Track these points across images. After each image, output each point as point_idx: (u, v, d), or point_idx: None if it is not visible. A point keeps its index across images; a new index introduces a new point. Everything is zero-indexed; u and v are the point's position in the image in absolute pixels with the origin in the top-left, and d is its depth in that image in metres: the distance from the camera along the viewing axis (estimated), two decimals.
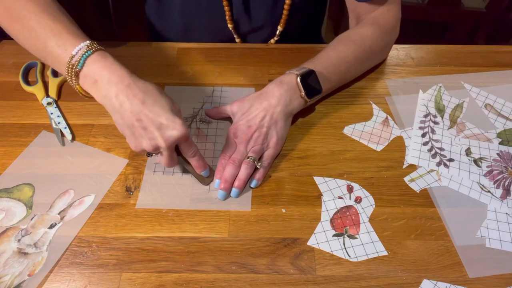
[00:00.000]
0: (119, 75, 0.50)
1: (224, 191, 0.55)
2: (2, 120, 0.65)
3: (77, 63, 0.50)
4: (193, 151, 0.55)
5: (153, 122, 0.49)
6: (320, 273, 0.50)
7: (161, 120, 0.49)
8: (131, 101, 0.49)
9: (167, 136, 0.50)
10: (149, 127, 0.49)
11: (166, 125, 0.49)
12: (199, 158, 0.56)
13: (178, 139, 0.50)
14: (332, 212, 0.55)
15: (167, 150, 0.51)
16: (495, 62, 0.75)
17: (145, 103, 0.49)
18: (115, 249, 0.51)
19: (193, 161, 0.55)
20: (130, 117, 0.49)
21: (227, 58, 0.75)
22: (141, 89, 0.50)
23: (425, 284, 0.49)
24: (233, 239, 0.52)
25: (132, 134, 0.51)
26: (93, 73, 0.50)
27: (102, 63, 0.50)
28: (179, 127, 0.50)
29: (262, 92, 0.60)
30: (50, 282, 0.49)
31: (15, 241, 0.52)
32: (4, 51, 0.75)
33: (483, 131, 0.65)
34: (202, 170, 0.56)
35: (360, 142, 0.63)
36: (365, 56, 0.68)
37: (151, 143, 0.50)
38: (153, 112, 0.49)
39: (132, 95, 0.49)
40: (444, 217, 0.55)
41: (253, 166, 0.57)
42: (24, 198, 0.55)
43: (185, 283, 0.49)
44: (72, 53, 0.50)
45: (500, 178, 0.59)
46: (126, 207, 0.55)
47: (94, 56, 0.51)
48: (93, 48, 0.51)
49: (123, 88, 0.49)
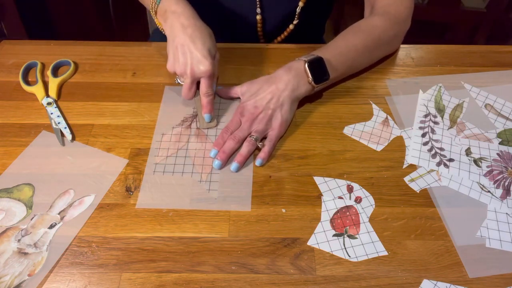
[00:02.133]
0: (182, 9, 0.63)
1: (220, 162, 0.59)
2: (2, 120, 0.65)
3: (156, 1, 0.64)
4: (209, 91, 0.63)
5: (191, 53, 0.61)
6: (320, 273, 0.50)
7: (198, 54, 0.60)
8: (183, 32, 0.61)
9: (194, 67, 0.61)
10: (186, 55, 0.61)
11: (199, 59, 0.60)
12: (210, 101, 0.63)
13: (203, 73, 0.61)
14: (332, 212, 0.55)
15: (190, 78, 0.62)
16: (495, 62, 0.75)
17: (192, 37, 0.61)
18: (115, 249, 0.51)
19: (204, 100, 0.63)
20: (177, 43, 0.61)
21: (227, 58, 0.75)
22: (194, 26, 0.62)
23: (425, 284, 0.49)
24: (233, 239, 0.52)
25: (173, 56, 0.62)
26: (165, 7, 0.64)
27: (173, 0, 0.64)
28: (208, 65, 0.60)
29: (271, 76, 0.64)
30: (50, 282, 0.49)
31: (15, 241, 0.52)
32: (4, 51, 0.75)
33: (483, 131, 0.65)
34: (206, 112, 0.63)
35: (360, 142, 0.63)
36: (374, 46, 0.69)
37: (182, 68, 0.62)
38: (195, 46, 0.60)
39: (185, 27, 0.61)
40: (444, 217, 0.55)
41: (255, 144, 0.60)
42: (24, 198, 0.55)
43: (185, 283, 0.49)
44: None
45: (500, 178, 0.59)
46: (126, 207, 0.55)
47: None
48: None
49: (183, 20, 0.62)
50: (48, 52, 0.75)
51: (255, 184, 0.58)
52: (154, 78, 0.71)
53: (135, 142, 0.62)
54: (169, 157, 0.60)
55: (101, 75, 0.72)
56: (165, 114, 0.66)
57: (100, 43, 0.77)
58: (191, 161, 0.60)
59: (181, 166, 0.59)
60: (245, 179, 0.58)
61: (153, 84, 0.70)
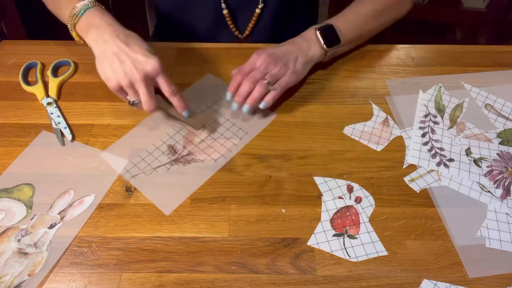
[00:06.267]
0: (108, 22, 0.59)
1: (237, 104, 0.62)
2: (2, 120, 0.65)
3: (78, 13, 0.60)
4: (173, 89, 0.58)
5: (130, 57, 0.55)
6: (320, 273, 0.50)
7: (138, 56, 0.55)
8: (114, 40, 0.56)
9: (141, 68, 0.55)
10: (126, 61, 0.55)
11: (143, 59, 0.55)
12: (180, 98, 0.59)
13: (152, 70, 0.55)
14: (332, 212, 0.55)
15: (142, 83, 0.55)
16: (495, 62, 0.75)
17: (126, 42, 0.56)
18: (115, 249, 0.51)
19: (174, 100, 0.59)
20: (111, 54, 0.56)
21: (227, 58, 0.75)
22: (125, 33, 0.58)
23: (425, 284, 0.49)
24: (233, 239, 0.52)
25: (111, 69, 0.56)
26: (87, 21, 0.60)
27: (97, 13, 0.60)
28: (154, 61, 0.55)
29: (287, 42, 0.67)
30: (50, 282, 0.49)
31: (15, 241, 0.52)
32: (4, 51, 0.75)
33: (483, 131, 0.65)
34: (183, 110, 0.59)
35: (360, 142, 0.63)
36: (382, 9, 0.72)
37: (127, 77, 0.55)
38: (132, 49, 0.56)
39: (115, 35, 0.57)
40: (444, 217, 0.55)
41: (266, 87, 0.62)
42: (24, 198, 0.55)
43: (185, 283, 0.49)
44: (76, 6, 0.61)
45: (500, 178, 0.59)
46: (126, 207, 0.55)
47: (92, 9, 0.61)
48: (93, 4, 0.61)
49: (110, 31, 0.58)
50: (48, 52, 0.75)
51: (255, 184, 0.58)
52: None
53: (134, 142, 0.62)
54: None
55: None
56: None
57: None
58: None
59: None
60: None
61: None
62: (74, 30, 0.62)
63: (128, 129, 0.64)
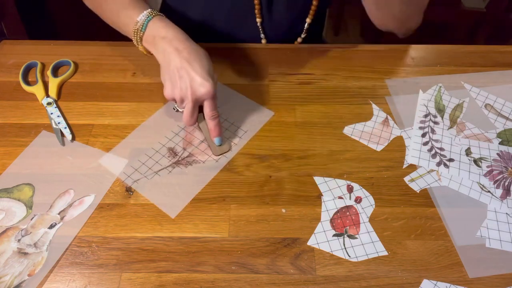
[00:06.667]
0: (173, 33, 0.60)
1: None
2: (2, 120, 0.65)
3: (141, 28, 0.61)
4: (215, 114, 0.60)
5: (189, 76, 0.57)
6: (320, 273, 0.50)
7: (196, 76, 0.57)
8: (179, 56, 0.58)
9: (195, 89, 0.57)
10: (184, 78, 0.57)
11: (199, 82, 0.57)
12: (217, 124, 0.60)
13: (205, 94, 0.57)
14: (332, 212, 0.55)
15: (191, 103, 0.58)
16: (495, 62, 0.75)
17: (189, 60, 0.57)
18: (115, 249, 0.51)
19: (211, 123, 0.60)
20: (173, 68, 0.58)
21: (227, 58, 0.75)
22: (190, 49, 0.59)
23: (425, 284, 0.49)
24: (233, 239, 0.52)
25: (170, 81, 0.58)
26: (153, 33, 0.60)
27: (160, 24, 0.60)
28: (209, 86, 0.57)
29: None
30: (50, 282, 0.49)
31: (15, 241, 0.52)
32: (4, 51, 0.75)
33: (483, 131, 0.65)
34: (216, 135, 0.61)
35: (360, 142, 0.63)
36: None
37: (181, 92, 0.58)
38: (193, 68, 0.57)
39: (180, 50, 0.58)
40: (444, 217, 0.55)
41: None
42: (24, 198, 0.55)
43: (185, 283, 0.49)
44: (137, 20, 0.61)
45: (500, 178, 0.59)
46: (126, 207, 0.55)
47: (154, 19, 0.61)
48: (153, 14, 0.61)
49: (175, 45, 0.58)
50: (48, 52, 0.75)
51: (255, 184, 0.58)
52: (154, 78, 0.71)
53: (134, 142, 0.62)
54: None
55: (101, 75, 0.72)
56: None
57: (100, 43, 0.77)
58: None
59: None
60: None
61: (153, 84, 0.70)
62: (141, 44, 0.62)
63: (128, 129, 0.64)
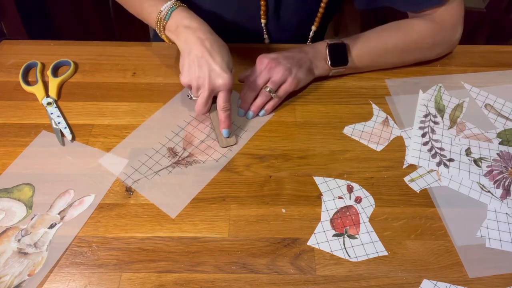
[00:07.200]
0: (197, 24, 0.61)
1: (242, 110, 0.66)
2: (2, 120, 0.65)
3: (165, 16, 0.62)
4: (227, 106, 0.61)
5: (209, 66, 0.58)
6: (320, 273, 0.50)
7: (216, 67, 0.58)
8: (201, 45, 0.59)
9: (213, 79, 0.59)
10: (204, 68, 0.59)
11: (218, 72, 0.58)
12: (228, 116, 0.61)
13: (221, 86, 0.59)
14: (332, 212, 0.55)
15: (207, 91, 0.59)
16: (495, 62, 0.75)
17: (210, 51, 0.59)
18: (115, 249, 0.51)
19: (222, 115, 0.61)
20: (194, 57, 0.59)
21: None
22: (212, 40, 0.60)
23: (425, 284, 0.49)
24: (233, 239, 0.52)
25: (188, 69, 0.60)
26: (176, 22, 0.62)
27: (184, 14, 0.62)
28: (227, 78, 0.59)
29: (296, 48, 0.68)
30: (50, 282, 0.49)
31: (15, 241, 0.52)
32: (4, 51, 0.75)
33: (483, 131, 0.65)
34: (225, 127, 0.62)
35: (360, 142, 0.63)
36: (407, 49, 0.70)
37: (198, 81, 0.59)
38: (214, 59, 0.59)
39: (202, 40, 0.59)
40: (444, 217, 0.55)
41: (268, 96, 0.65)
42: (24, 198, 0.55)
43: (185, 283, 0.49)
44: (161, 9, 0.62)
45: (500, 178, 0.59)
46: (126, 207, 0.55)
47: (178, 10, 0.62)
48: (177, 4, 0.63)
49: (198, 35, 0.60)
50: (48, 52, 0.75)
51: (255, 184, 0.58)
52: (154, 78, 0.71)
53: (134, 142, 0.62)
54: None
55: (101, 75, 0.72)
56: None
57: (100, 43, 0.77)
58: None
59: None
60: None
61: (153, 84, 0.70)
62: (164, 33, 0.64)
63: (128, 129, 0.64)
